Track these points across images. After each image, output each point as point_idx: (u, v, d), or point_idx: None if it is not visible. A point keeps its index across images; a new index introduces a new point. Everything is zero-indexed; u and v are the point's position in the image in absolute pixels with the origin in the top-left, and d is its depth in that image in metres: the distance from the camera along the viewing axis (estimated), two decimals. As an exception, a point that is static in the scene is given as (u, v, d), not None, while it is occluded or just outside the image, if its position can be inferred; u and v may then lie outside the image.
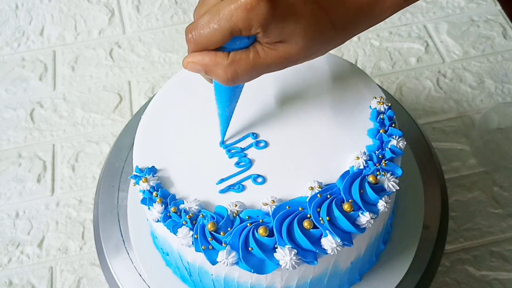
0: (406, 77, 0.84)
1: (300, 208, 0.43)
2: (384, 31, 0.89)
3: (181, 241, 0.43)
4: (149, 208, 0.45)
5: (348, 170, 0.46)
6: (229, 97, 0.45)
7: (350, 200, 0.43)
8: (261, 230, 0.41)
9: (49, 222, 0.71)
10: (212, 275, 0.46)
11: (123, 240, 0.57)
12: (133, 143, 0.50)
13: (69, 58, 0.89)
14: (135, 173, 0.47)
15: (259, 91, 0.54)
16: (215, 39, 0.37)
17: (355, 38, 0.88)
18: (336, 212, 0.42)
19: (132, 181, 0.47)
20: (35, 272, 0.68)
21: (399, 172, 0.46)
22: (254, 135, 0.50)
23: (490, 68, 0.84)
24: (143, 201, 0.46)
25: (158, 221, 0.45)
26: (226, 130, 0.49)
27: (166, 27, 0.92)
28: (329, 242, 0.41)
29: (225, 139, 0.50)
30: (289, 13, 0.37)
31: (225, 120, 0.48)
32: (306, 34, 0.38)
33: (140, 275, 0.55)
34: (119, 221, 0.59)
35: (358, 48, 0.87)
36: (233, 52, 0.38)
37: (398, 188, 0.45)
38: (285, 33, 0.37)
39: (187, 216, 0.43)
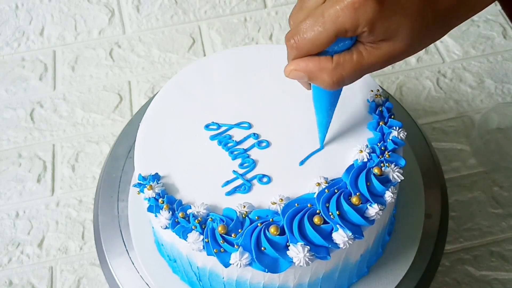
0: (406, 77, 0.84)
1: (309, 205, 0.43)
2: (384, 31, 0.89)
3: (192, 246, 0.43)
4: (156, 216, 0.45)
5: (353, 164, 0.46)
6: (330, 101, 0.44)
7: (357, 193, 0.43)
8: (272, 229, 0.41)
9: (49, 222, 0.71)
10: (223, 278, 0.46)
11: (126, 250, 0.57)
12: (129, 152, 0.50)
13: (69, 58, 0.89)
14: (139, 181, 0.47)
15: (259, 91, 0.54)
16: (319, 43, 0.36)
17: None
18: (345, 206, 0.42)
19: (133, 190, 0.46)
20: (35, 272, 0.68)
21: (402, 162, 0.46)
22: (256, 135, 0.50)
23: (490, 68, 0.84)
24: (150, 209, 0.45)
25: (166, 227, 0.44)
26: (325, 135, 0.48)
27: (166, 27, 0.92)
28: (340, 236, 0.41)
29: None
30: (396, 9, 0.35)
31: (325, 126, 0.47)
32: (412, 30, 0.36)
33: (140, 275, 0.55)
34: (121, 231, 0.58)
35: (358, 48, 0.87)
36: (336, 56, 0.37)
37: (403, 178, 0.45)
38: (391, 31, 0.36)
39: (196, 221, 0.43)
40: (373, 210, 0.43)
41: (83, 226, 0.71)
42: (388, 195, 0.44)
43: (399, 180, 0.45)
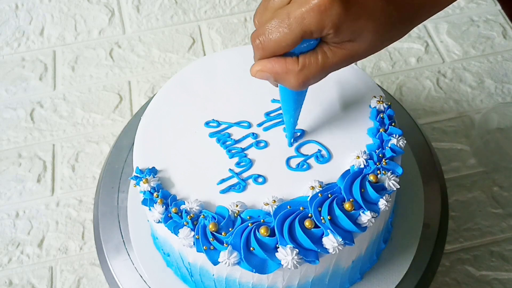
0: (406, 77, 0.84)
1: (301, 208, 0.43)
2: (384, 31, 0.89)
3: (182, 241, 0.43)
4: (150, 209, 0.45)
5: (349, 169, 0.46)
6: (296, 100, 0.44)
7: (351, 199, 0.43)
8: (262, 230, 0.41)
9: (49, 222, 0.71)
10: (213, 275, 0.46)
11: (123, 241, 0.57)
12: (133, 144, 0.50)
13: (69, 58, 0.89)
14: (136, 174, 0.47)
15: (259, 91, 0.54)
16: (285, 44, 0.36)
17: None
18: (337, 211, 0.42)
19: (132, 182, 0.47)
20: (35, 272, 0.68)
21: (399, 170, 0.46)
22: (254, 135, 0.50)
23: (490, 68, 0.84)
24: (144, 202, 0.45)
25: (159, 222, 0.45)
26: (293, 134, 0.49)
27: (166, 27, 0.92)
28: (330, 241, 0.41)
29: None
30: (361, 11, 0.36)
31: (293, 125, 0.47)
32: (376, 31, 0.37)
33: (141, 276, 0.55)
34: (119, 222, 0.59)
35: (358, 48, 0.87)
36: (302, 57, 0.38)
37: (398, 186, 0.45)
38: (355, 32, 0.37)
39: (188, 217, 0.43)
40: (365, 217, 0.42)
41: (83, 226, 0.71)
42: (382, 203, 0.43)
43: (395, 189, 0.45)
